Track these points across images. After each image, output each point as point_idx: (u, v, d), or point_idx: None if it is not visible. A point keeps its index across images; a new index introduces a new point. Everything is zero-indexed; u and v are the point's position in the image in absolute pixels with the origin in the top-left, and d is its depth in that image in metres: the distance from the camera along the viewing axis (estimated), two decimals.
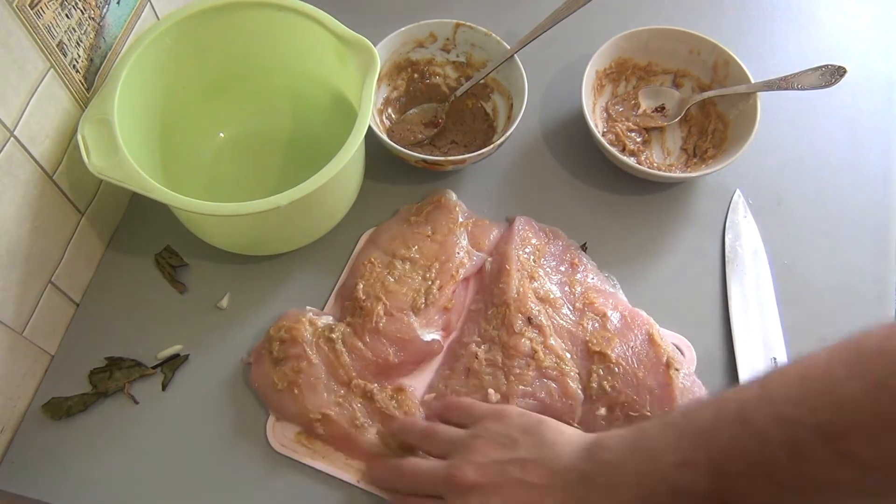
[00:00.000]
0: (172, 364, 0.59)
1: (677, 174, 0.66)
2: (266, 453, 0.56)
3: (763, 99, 0.66)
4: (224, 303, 0.62)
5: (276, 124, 0.70)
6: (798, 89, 0.68)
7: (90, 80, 0.57)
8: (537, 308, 0.58)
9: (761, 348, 0.60)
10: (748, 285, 0.63)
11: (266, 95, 0.68)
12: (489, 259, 0.62)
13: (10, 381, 0.55)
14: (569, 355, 0.56)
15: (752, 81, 0.66)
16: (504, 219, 0.66)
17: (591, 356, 0.56)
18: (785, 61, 0.75)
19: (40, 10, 0.49)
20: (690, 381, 0.55)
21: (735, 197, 0.67)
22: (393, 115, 0.71)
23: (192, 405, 0.58)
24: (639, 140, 0.70)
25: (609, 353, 0.55)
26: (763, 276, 0.63)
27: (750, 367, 0.59)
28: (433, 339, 0.58)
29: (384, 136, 0.64)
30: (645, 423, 0.45)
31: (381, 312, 0.58)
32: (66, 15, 0.52)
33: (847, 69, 0.65)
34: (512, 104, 0.68)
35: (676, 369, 0.55)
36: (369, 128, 0.55)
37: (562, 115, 0.72)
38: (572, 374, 0.55)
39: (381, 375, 0.57)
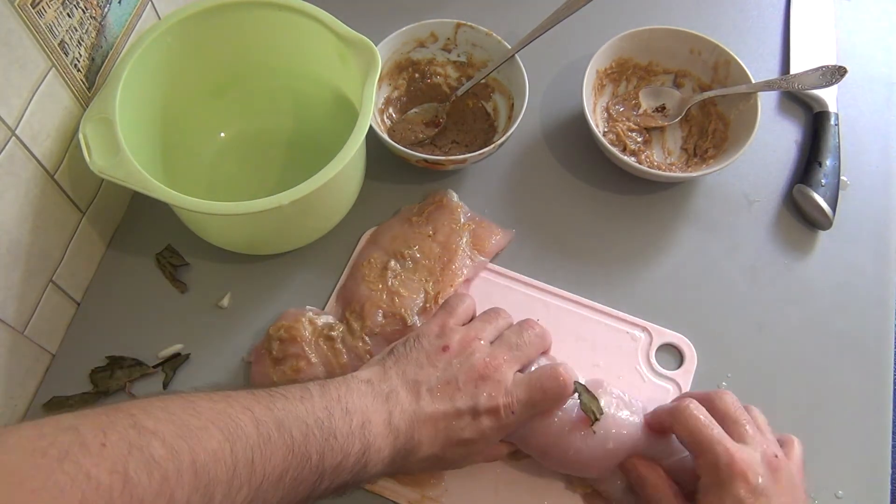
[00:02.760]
0: (173, 363, 0.59)
1: (677, 174, 0.66)
2: None
3: (763, 99, 0.66)
4: (225, 302, 0.62)
5: (278, 124, 0.70)
6: (798, 89, 0.68)
7: (91, 79, 0.57)
8: None
9: None
10: None
11: (267, 95, 0.68)
12: None
13: (11, 381, 0.55)
14: None
15: (753, 81, 0.67)
16: (506, 220, 0.66)
17: None
18: (785, 61, 0.75)
19: (42, 10, 0.49)
20: None
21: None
22: (394, 115, 0.71)
23: None
24: (639, 140, 0.70)
25: None
26: None
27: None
28: None
29: (385, 136, 0.64)
30: None
31: (382, 313, 0.58)
32: (68, 14, 0.52)
33: (847, 69, 0.65)
34: (513, 104, 0.68)
35: None
36: (370, 127, 0.55)
37: (563, 114, 0.72)
38: None
39: None
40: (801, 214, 0.67)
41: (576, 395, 0.50)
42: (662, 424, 0.50)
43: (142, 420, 0.36)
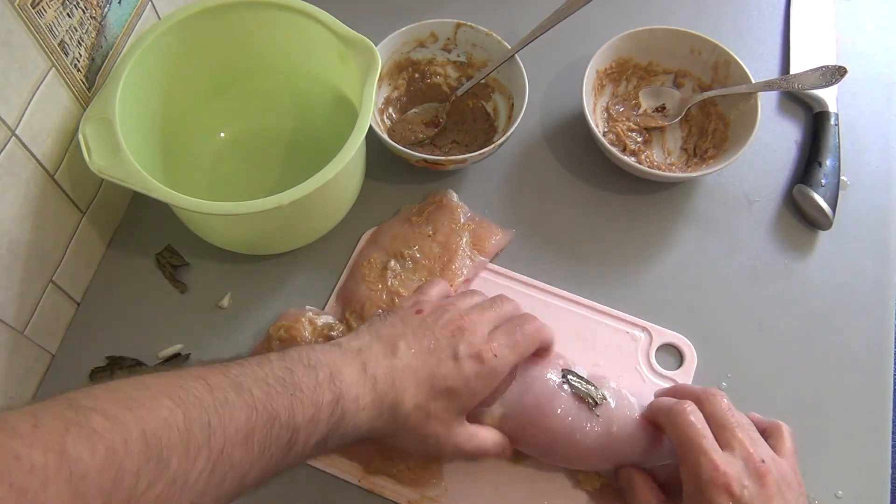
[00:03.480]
0: (173, 363, 0.59)
1: (677, 174, 0.66)
2: None
3: (763, 99, 0.66)
4: (225, 302, 0.62)
5: (277, 124, 0.70)
6: (798, 89, 0.68)
7: (91, 79, 0.57)
8: None
9: None
10: None
11: (267, 95, 0.68)
12: None
13: (11, 380, 0.55)
14: None
15: (753, 81, 0.67)
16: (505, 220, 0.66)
17: None
18: (785, 61, 0.75)
19: (42, 10, 0.49)
20: None
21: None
22: (394, 115, 0.71)
23: None
24: (639, 140, 0.70)
25: None
26: None
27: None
28: None
29: (385, 136, 0.64)
30: None
31: (382, 313, 0.58)
32: (68, 14, 0.52)
33: (847, 69, 0.65)
34: (513, 104, 0.68)
35: None
36: (370, 127, 0.56)
37: (563, 114, 0.72)
38: None
39: None
40: (801, 214, 0.67)
41: (567, 383, 0.51)
42: (657, 420, 0.50)
43: (79, 400, 0.35)
